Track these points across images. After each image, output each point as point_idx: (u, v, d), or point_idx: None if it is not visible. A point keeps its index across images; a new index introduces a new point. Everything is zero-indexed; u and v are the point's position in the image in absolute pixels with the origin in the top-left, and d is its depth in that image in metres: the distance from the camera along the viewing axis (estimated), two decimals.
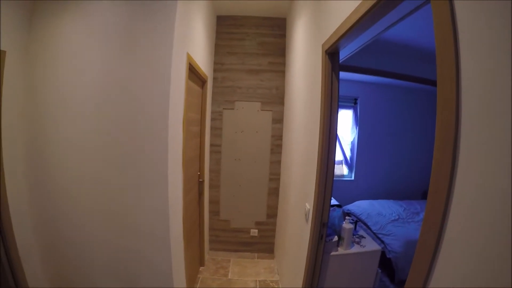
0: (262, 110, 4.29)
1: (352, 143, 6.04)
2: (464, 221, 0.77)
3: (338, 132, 2.10)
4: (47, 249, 2.59)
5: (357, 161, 6.03)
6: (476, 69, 0.75)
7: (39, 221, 2.54)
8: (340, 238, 2.54)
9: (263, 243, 4.59)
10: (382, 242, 3.89)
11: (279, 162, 4.38)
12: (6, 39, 2.18)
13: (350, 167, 6.14)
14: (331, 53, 2.00)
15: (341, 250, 2.52)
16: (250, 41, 4.23)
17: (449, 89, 0.81)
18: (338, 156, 6.03)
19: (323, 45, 2.07)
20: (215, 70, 4.25)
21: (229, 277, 3.86)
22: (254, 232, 4.54)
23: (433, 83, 4.46)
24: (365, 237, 2.78)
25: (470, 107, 0.76)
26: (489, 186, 0.70)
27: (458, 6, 0.80)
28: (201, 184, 3.79)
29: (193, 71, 2.96)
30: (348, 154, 6.10)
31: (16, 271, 2.37)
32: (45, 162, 2.46)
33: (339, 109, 2.06)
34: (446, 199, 0.82)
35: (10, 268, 2.35)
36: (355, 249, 2.58)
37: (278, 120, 4.30)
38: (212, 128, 4.33)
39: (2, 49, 2.16)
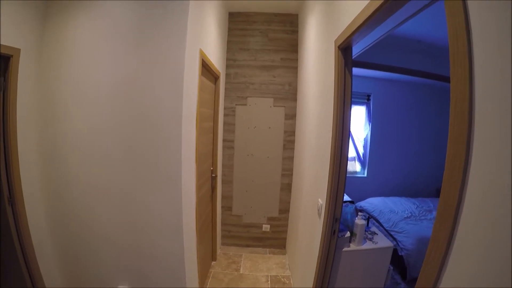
0: (274, 106, 4.29)
1: (365, 139, 6.00)
2: (477, 218, 0.77)
3: (351, 129, 2.09)
4: (61, 241, 2.65)
5: (370, 158, 6.00)
6: (489, 64, 0.74)
7: (53, 212, 2.60)
8: (352, 234, 2.53)
9: (275, 238, 4.61)
10: (394, 239, 3.87)
11: (291, 158, 4.38)
12: (20, 37, 2.23)
13: (362, 164, 6.11)
14: (344, 49, 1.99)
15: (353, 246, 2.51)
16: (262, 37, 4.23)
17: (462, 84, 0.81)
18: (351, 153, 6.00)
19: (335, 41, 2.06)
20: (227, 66, 4.27)
21: (241, 272, 3.88)
22: (266, 227, 4.56)
23: (448, 79, 4.44)
24: (377, 234, 2.77)
25: (484, 103, 0.75)
26: (503, 183, 0.69)
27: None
28: (214, 179, 3.82)
29: (206, 67, 2.98)
30: (361, 151, 6.07)
31: (32, 268, 2.44)
32: (58, 158, 2.51)
33: (352, 105, 2.05)
34: (459, 196, 0.82)
35: (26, 266, 2.42)
36: (367, 245, 2.57)
37: (291, 116, 4.30)
38: (225, 123, 4.35)
39: (16, 46, 2.21)
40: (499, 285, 0.69)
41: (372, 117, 5.85)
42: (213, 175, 3.78)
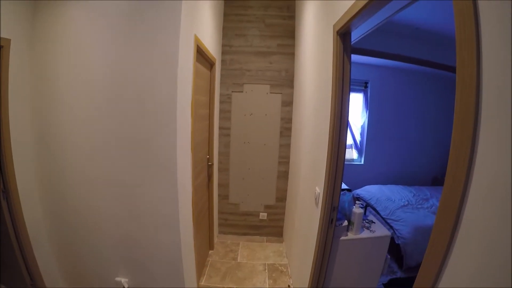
0: (271, 92, 4.25)
1: (362, 127, 5.98)
2: (483, 209, 0.75)
3: (349, 116, 2.06)
4: (57, 233, 2.64)
5: (367, 146, 5.99)
6: (498, 50, 0.71)
7: (49, 204, 2.58)
8: (350, 222, 2.52)
9: (272, 226, 4.62)
10: (391, 227, 3.88)
11: (288, 145, 4.36)
12: (10, 27, 2.18)
13: (359, 152, 6.11)
14: (343, 34, 1.94)
15: (350, 235, 2.49)
16: (259, 23, 4.15)
17: (469, 72, 0.77)
18: (348, 140, 5.98)
19: (334, 26, 2.01)
20: (223, 53, 4.20)
21: (238, 261, 3.89)
22: (263, 215, 4.56)
23: (445, 68, 4.39)
24: (374, 222, 2.76)
25: (491, 92, 0.72)
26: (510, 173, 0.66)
27: None
28: (210, 167, 3.79)
29: (201, 53, 2.92)
30: (358, 138, 6.06)
31: (29, 260, 2.43)
32: (54, 146, 2.47)
33: (350, 93, 2.02)
34: (464, 186, 0.80)
35: (23, 258, 2.40)
36: (365, 234, 2.56)
37: (288, 103, 4.26)
38: (221, 111, 4.31)
39: (6, 37, 2.15)
40: (501, 281, 0.68)
41: (369, 105, 5.82)
42: (209, 163, 3.75)
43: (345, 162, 2.13)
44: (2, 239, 2.31)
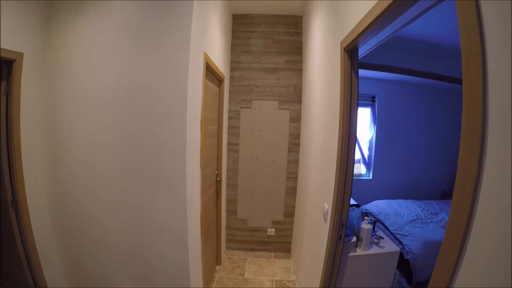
0: (279, 108, 4.27)
1: (370, 141, 5.96)
2: (491, 224, 0.75)
3: (357, 131, 2.07)
4: (64, 245, 2.66)
5: (375, 160, 5.96)
6: (503, 64, 0.72)
7: (57, 216, 2.61)
8: (358, 238, 2.51)
9: (280, 242, 4.58)
10: (400, 242, 3.83)
11: (296, 161, 4.35)
12: (23, 41, 2.23)
13: (368, 166, 6.07)
14: (350, 50, 1.96)
15: (359, 251, 2.48)
16: (266, 40, 4.21)
17: (475, 86, 0.79)
18: (356, 155, 5.96)
19: (341, 42, 2.03)
20: (232, 69, 4.25)
21: (246, 276, 3.86)
22: (271, 231, 4.53)
23: (452, 80, 4.37)
24: (383, 238, 2.74)
25: (498, 106, 0.73)
26: None
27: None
28: (218, 183, 3.79)
29: (210, 70, 2.96)
30: (366, 153, 6.03)
31: (36, 273, 2.44)
32: (63, 160, 2.52)
33: (358, 108, 2.02)
34: (472, 201, 0.80)
35: (30, 270, 2.41)
36: (374, 250, 2.54)
37: (296, 119, 4.27)
38: (229, 127, 4.33)
39: (19, 51, 2.20)
40: None
41: (377, 119, 5.82)
42: (217, 179, 3.75)
43: (354, 177, 2.12)
44: (9, 249, 2.33)
